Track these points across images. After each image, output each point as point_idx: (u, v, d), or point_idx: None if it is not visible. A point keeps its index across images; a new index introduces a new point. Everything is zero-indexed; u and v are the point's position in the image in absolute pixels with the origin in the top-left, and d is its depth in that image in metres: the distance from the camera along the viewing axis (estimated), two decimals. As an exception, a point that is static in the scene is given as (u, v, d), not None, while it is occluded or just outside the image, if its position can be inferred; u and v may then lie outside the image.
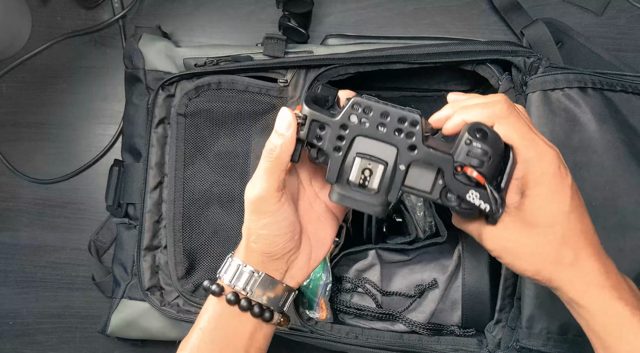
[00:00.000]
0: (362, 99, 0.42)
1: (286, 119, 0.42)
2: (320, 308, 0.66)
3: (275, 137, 0.43)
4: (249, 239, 0.46)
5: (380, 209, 0.43)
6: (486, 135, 0.39)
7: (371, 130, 0.42)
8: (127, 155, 0.72)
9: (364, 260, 0.67)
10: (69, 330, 0.79)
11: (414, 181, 0.42)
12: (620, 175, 0.60)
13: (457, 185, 0.40)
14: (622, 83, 0.62)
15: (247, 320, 0.46)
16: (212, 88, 0.68)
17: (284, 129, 0.42)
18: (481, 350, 0.63)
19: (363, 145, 0.42)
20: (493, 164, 0.39)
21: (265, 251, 0.45)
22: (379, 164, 0.42)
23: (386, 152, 0.42)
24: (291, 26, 0.72)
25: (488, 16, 0.79)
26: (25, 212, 0.80)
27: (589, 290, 0.40)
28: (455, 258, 0.65)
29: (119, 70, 0.77)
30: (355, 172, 0.42)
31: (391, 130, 0.41)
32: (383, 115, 0.41)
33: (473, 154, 0.39)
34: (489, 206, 0.40)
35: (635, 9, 0.77)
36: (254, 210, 0.44)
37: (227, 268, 0.47)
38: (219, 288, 0.46)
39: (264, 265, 0.46)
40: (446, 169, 0.40)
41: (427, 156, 0.41)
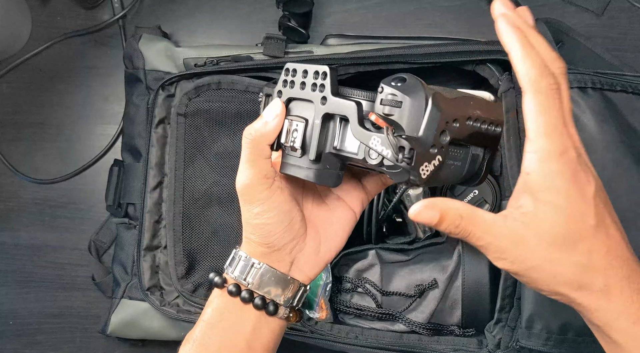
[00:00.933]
0: (292, 63, 0.42)
1: (276, 108, 0.42)
2: (320, 308, 0.66)
3: (258, 122, 0.43)
4: (247, 230, 0.45)
5: (310, 172, 0.41)
6: (404, 80, 0.37)
7: (296, 90, 0.42)
8: (127, 155, 0.72)
9: (364, 260, 0.67)
10: (69, 330, 0.79)
11: (345, 144, 0.41)
12: (620, 175, 0.60)
13: (359, 132, 0.38)
14: (622, 83, 0.62)
15: (250, 313, 0.45)
16: (212, 88, 0.68)
17: (269, 116, 0.42)
18: (481, 350, 0.63)
19: (294, 107, 0.42)
20: (409, 112, 0.35)
21: (264, 242, 0.45)
22: (300, 122, 0.41)
23: (307, 110, 0.41)
24: (291, 26, 0.72)
25: (488, 16, 0.78)
26: (25, 212, 0.80)
27: (618, 322, 0.34)
28: (455, 258, 0.65)
29: (119, 70, 0.77)
30: (284, 134, 0.42)
31: (309, 86, 0.41)
32: (304, 73, 0.41)
33: (384, 101, 0.37)
34: (390, 151, 0.36)
35: (635, 9, 0.77)
36: (245, 200, 0.44)
37: (232, 261, 0.46)
38: (221, 280, 0.45)
39: (267, 257, 0.45)
40: (350, 116, 0.39)
41: (335, 106, 0.40)
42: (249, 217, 0.44)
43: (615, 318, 0.34)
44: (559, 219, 0.33)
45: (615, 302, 0.34)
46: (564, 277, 0.34)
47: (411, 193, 0.68)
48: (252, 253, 0.45)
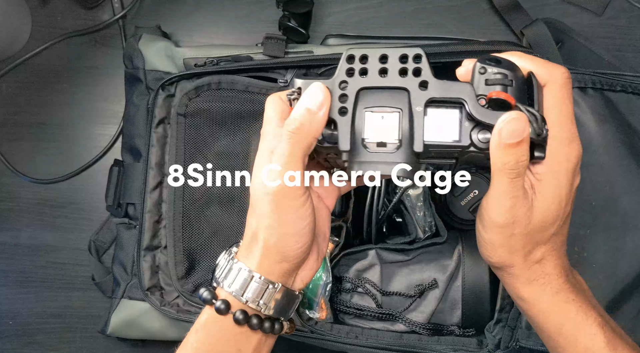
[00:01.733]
0: (356, 49, 0.37)
1: (320, 93, 0.36)
2: (320, 308, 0.66)
3: (303, 113, 0.36)
4: (267, 240, 0.38)
5: (408, 168, 0.37)
6: (499, 61, 0.35)
7: (374, 79, 0.36)
8: (127, 155, 0.72)
9: (364, 260, 0.67)
10: (69, 330, 0.79)
11: (437, 133, 0.36)
12: (620, 175, 0.60)
13: (484, 112, 0.35)
14: (622, 83, 0.62)
15: (254, 336, 0.40)
16: (212, 88, 0.68)
17: (315, 104, 0.36)
18: (481, 350, 0.63)
19: (371, 98, 0.37)
20: (517, 88, 0.35)
21: (284, 254, 0.38)
22: (392, 113, 0.36)
23: (397, 99, 0.36)
24: (291, 26, 0.72)
25: (488, 16, 0.79)
26: (25, 212, 0.80)
27: (546, 290, 0.38)
28: (455, 258, 0.65)
29: (119, 70, 0.77)
30: (369, 129, 0.37)
31: (395, 73, 0.36)
32: (382, 59, 0.36)
33: (492, 80, 0.35)
34: (530, 127, 0.34)
35: (635, 9, 0.77)
36: (277, 205, 0.37)
37: (235, 277, 0.39)
38: (225, 305, 0.39)
39: (281, 275, 0.39)
40: (468, 98, 0.35)
41: (442, 89, 0.36)
42: (277, 225, 0.37)
43: (543, 289, 0.38)
44: (553, 203, 0.37)
45: (546, 273, 0.38)
46: (523, 248, 0.38)
47: (411, 193, 0.68)
48: (265, 271, 0.39)
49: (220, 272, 0.41)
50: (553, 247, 0.38)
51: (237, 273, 0.39)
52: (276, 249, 0.38)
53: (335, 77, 0.37)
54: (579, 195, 0.59)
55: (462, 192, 0.68)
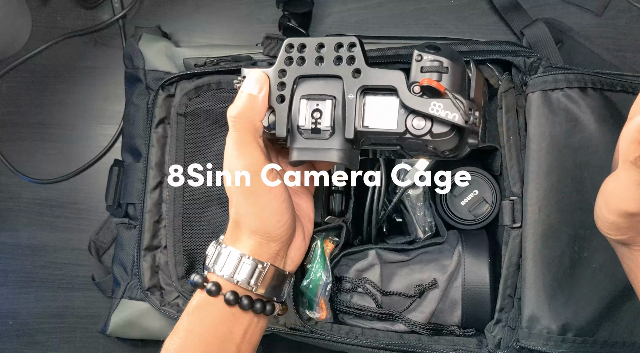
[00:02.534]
0: (294, 38, 0.38)
1: (259, 79, 0.37)
2: (320, 308, 0.66)
3: (244, 99, 0.37)
4: (250, 225, 0.40)
5: (342, 153, 0.38)
6: (438, 48, 0.36)
7: (310, 67, 0.37)
8: (127, 155, 0.72)
9: (364, 260, 0.67)
10: (69, 330, 0.79)
11: (373, 120, 0.37)
12: (620, 175, 0.60)
13: (415, 100, 0.35)
14: (622, 83, 0.62)
15: (244, 317, 0.41)
16: (212, 88, 0.68)
17: (254, 89, 0.37)
18: (481, 350, 0.63)
19: (307, 86, 0.38)
20: (454, 77, 0.35)
21: (270, 235, 0.39)
22: (326, 100, 0.37)
23: (332, 86, 0.37)
24: (291, 26, 0.72)
25: (488, 16, 0.79)
26: (25, 212, 0.80)
27: None
28: (455, 258, 0.65)
29: (119, 70, 0.77)
30: (303, 115, 0.38)
31: (331, 60, 0.37)
32: (319, 47, 0.37)
33: (427, 68, 0.35)
34: (457, 114, 0.35)
35: (635, 9, 0.77)
36: (248, 192, 0.39)
37: (224, 260, 0.40)
38: (215, 287, 0.40)
39: (267, 253, 0.40)
40: (399, 85, 0.36)
41: (375, 77, 0.36)
42: (255, 211, 0.39)
43: None
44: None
45: None
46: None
47: (411, 193, 0.68)
48: (253, 252, 0.40)
49: (210, 259, 0.41)
50: None
51: (227, 257, 0.40)
52: (261, 232, 0.40)
53: (275, 65, 0.38)
54: (578, 195, 0.59)
55: (462, 192, 0.68)
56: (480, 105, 0.36)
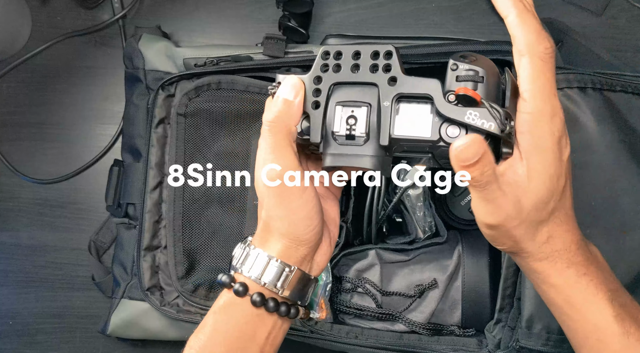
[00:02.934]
0: (331, 45, 0.39)
1: (295, 85, 0.38)
2: (320, 308, 0.66)
3: (280, 104, 0.38)
4: (280, 228, 0.40)
5: (376, 160, 0.38)
6: (475, 58, 0.36)
7: (346, 74, 0.38)
8: (127, 155, 0.72)
9: (364, 260, 0.67)
10: (69, 330, 0.79)
11: (407, 128, 0.37)
12: (620, 175, 0.60)
13: (451, 108, 0.36)
14: (622, 83, 0.62)
15: (269, 319, 0.41)
16: (212, 88, 0.68)
17: (290, 94, 0.38)
18: (481, 350, 0.63)
19: (343, 93, 0.39)
20: (489, 86, 0.36)
21: (300, 238, 0.40)
22: (361, 107, 0.38)
23: (368, 93, 0.38)
24: (291, 26, 0.72)
25: (488, 16, 0.79)
26: (25, 212, 0.80)
27: (556, 265, 0.38)
28: (455, 258, 0.65)
29: (119, 70, 0.77)
30: (338, 122, 0.38)
31: (367, 68, 0.38)
32: (355, 55, 0.38)
33: (462, 77, 0.36)
34: (493, 123, 0.35)
35: (635, 9, 0.77)
36: (279, 195, 0.39)
37: (253, 261, 0.40)
38: (243, 288, 0.40)
39: (295, 257, 0.41)
40: (435, 94, 0.36)
41: (411, 85, 0.37)
42: (286, 214, 0.39)
43: (553, 264, 0.38)
44: (543, 181, 0.36)
45: (556, 250, 0.38)
46: (526, 234, 0.37)
47: (411, 193, 0.68)
48: (281, 255, 0.41)
49: (237, 260, 0.42)
50: (559, 223, 0.38)
51: (255, 259, 0.41)
52: (291, 236, 0.40)
53: (310, 72, 0.39)
54: (578, 195, 0.59)
55: (462, 192, 0.68)
56: (514, 115, 0.36)
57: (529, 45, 0.35)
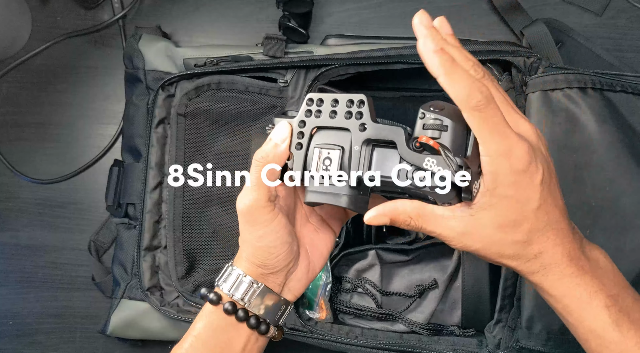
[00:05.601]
0: (315, 93, 0.43)
1: (284, 130, 0.43)
2: (320, 308, 0.66)
3: (270, 146, 0.44)
4: (247, 252, 0.45)
5: (349, 200, 0.42)
6: (443, 107, 0.39)
7: (325, 119, 0.42)
8: (127, 155, 0.72)
9: (364, 260, 0.67)
10: (69, 330, 0.79)
11: (380, 170, 0.41)
12: (620, 175, 0.60)
13: (412, 155, 0.39)
14: (622, 83, 0.62)
15: (243, 331, 0.45)
16: (212, 88, 0.68)
17: (279, 139, 0.43)
18: (481, 350, 0.63)
19: (321, 137, 0.43)
20: (453, 135, 0.39)
21: (264, 264, 0.45)
22: (334, 150, 0.42)
23: (342, 138, 0.42)
24: (291, 26, 0.72)
25: (488, 16, 0.79)
26: (25, 212, 0.80)
27: (548, 279, 0.41)
28: (455, 258, 0.65)
29: (119, 70, 0.77)
30: (314, 162, 0.42)
31: (342, 115, 0.42)
32: (334, 102, 0.42)
33: (428, 125, 0.39)
34: (449, 170, 0.38)
35: (635, 9, 0.77)
36: (247, 221, 0.44)
37: (227, 277, 0.46)
38: (216, 297, 0.45)
39: (264, 278, 0.46)
40: (398, 140, 0.40)
41: (378, 131, 0.41)
42: (251, 239, 0.45)
43: (546, 277, 0.41)
44: (507, 208, 0.39)
45: (547, 264, 0.40)
46: (506, 253, 0.40)
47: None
48: (249, 271, 0.46)
49: (220, 276, 0.47)
50: (545, 240, 0.40)
51: (229, 275, 0.46)
52: (254, 259, 0.45)
53: (297, 117, 0.43)
54: (578, 195, 0.59)
55: (462, 192, 0.68)
56: (477, 164, 0.39)
57: (463, 101, 0.37)
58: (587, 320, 0.41)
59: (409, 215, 0.41)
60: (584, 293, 0.41)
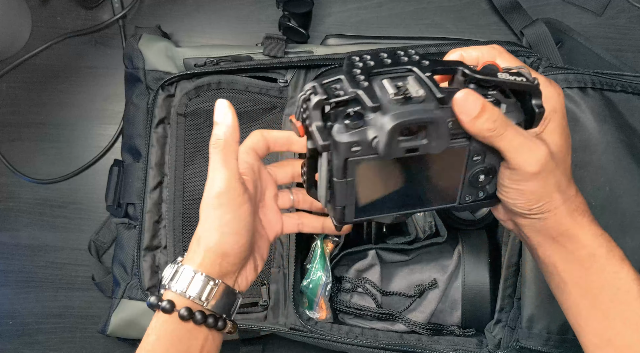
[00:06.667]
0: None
1: (221, 107, 0.42)
2: (320, 308, 0.66)
3: (217, 127, 0.42)
4: (208, 240, 0.43)
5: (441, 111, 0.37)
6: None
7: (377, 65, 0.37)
8: (127, 155, 0.72)
9: (364, 260, 0.67)
10: (69, 330, 0.79)
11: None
12: (621, 175, 0.60)
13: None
14: (622, 83, 0.62)
15: (200, 333, 0.43)
16: (212, 88, 0.68)
17: (220, 117, 0.42)
18: (481, 350, 0.63)
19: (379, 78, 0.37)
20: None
21: (226, 252, 0.43)
22: (407, 75, 0.37)
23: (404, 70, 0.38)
24: (291, 26, 0.72)
25: (488, 16, 0.79)
26: (25, 212, 0.80)
27: (583, 220, 0.41)
28: (455, 258, 0.65)
29: (119, 70, 0.77)
30: (390, 88, 0.36)
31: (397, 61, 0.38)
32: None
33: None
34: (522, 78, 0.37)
35: (635, 9, 0.77)
36: (216, 206, 0.42)
37: (178, 277, 0.43)
38: (170, 305, 0.42)
39: (222, 273, 0.43)
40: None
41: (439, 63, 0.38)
42: (217, 226, 0.43)
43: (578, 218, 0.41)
44: (560, 140, 0.40)
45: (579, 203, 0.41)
46: (563, 183, 0.40)
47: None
48: (206, 269, 0.43)
49: (166, 278, 0.44)
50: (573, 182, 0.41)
51: (181, 274, 0.43)
52: (217, 248, 0.43)
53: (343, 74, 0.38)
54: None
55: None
56: None
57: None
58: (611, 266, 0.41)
59: (498, 113, 0.37)
60: (611, 241, 0.42)
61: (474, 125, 0.36)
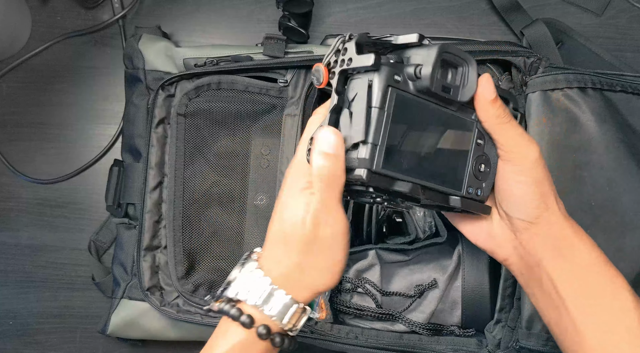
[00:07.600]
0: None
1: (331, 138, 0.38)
2: (320, 308, 0.66)
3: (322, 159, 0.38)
4: (316, 283, 0.42)
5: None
6: None
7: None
8: (127, 155, 0.72)
9: (364, 260, 0.67)
10: (69, 330, 0.79)
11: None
12: (620, 175, 0.60)
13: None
14: (622, 83, 0.62)
15: (267, 350, 0.42)
16: (212, 88, 0.68)
17: (331, 148, 0.38)
18: (481, 350, 0.63)
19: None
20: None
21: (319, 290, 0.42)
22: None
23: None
24: (291, 26, 0.72)
25: (488, 16, 0.79)
26: (25, 212, 0.80)
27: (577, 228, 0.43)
28: (455, 258, 0.65)
29: (119, 70, 0.77)
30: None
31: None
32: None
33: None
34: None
35: (635, 9, 0.77)
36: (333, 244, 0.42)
37: (269, 300, 0.41)
38: (249, 320, 0.41)
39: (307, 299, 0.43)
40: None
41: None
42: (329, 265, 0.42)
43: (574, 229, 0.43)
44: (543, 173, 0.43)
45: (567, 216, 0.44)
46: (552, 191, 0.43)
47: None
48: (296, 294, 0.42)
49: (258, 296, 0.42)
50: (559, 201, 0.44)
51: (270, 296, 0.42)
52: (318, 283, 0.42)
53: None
54: (578, 195, 0.59)
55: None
56: None
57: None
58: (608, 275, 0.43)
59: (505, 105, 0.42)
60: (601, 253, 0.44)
61: (491, 107, 0.41)
